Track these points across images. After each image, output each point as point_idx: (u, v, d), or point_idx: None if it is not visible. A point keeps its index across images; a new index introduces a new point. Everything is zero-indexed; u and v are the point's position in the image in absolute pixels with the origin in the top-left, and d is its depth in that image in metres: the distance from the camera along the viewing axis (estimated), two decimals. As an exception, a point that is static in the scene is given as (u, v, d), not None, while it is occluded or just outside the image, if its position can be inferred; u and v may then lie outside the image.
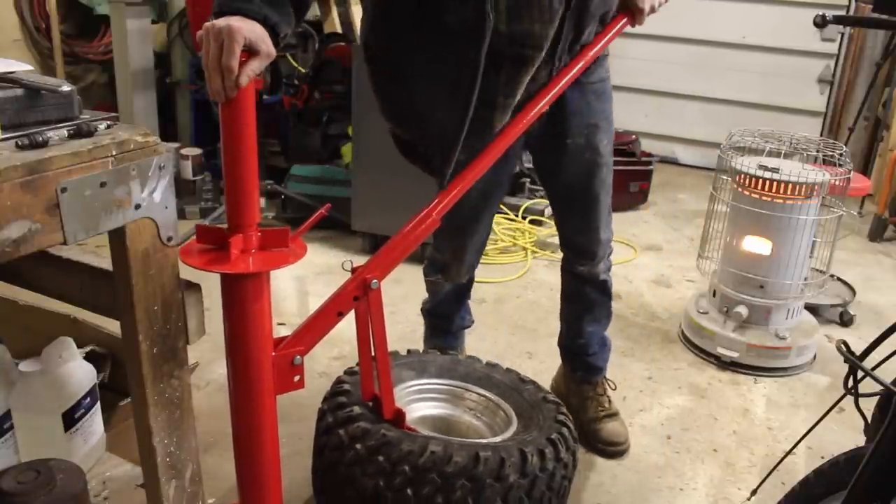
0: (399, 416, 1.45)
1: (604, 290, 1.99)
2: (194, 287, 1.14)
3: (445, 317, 2.14)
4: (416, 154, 1.62)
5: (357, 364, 1.67)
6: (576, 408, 2.08)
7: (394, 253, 1.38)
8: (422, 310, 2.19)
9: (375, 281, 1.33)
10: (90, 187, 0.92)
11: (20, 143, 0.89)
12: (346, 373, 1.65)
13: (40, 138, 0.89)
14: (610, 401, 2.11)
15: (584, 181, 1.79)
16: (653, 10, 1.68)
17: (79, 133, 0.94)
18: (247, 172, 1.14)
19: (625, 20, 1.66)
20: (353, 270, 1.36)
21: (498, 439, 1.51)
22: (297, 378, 1.25)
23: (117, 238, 1.00)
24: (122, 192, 0.96)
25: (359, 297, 1.34)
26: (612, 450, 2.05)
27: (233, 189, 1.15)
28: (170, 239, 1.06)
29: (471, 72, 1.42)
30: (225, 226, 1.18)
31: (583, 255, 1.91)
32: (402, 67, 1.52)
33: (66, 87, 0.98)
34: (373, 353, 1.42)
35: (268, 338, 1.21)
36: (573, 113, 1.72)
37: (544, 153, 1.81)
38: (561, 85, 1.57)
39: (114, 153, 0.95)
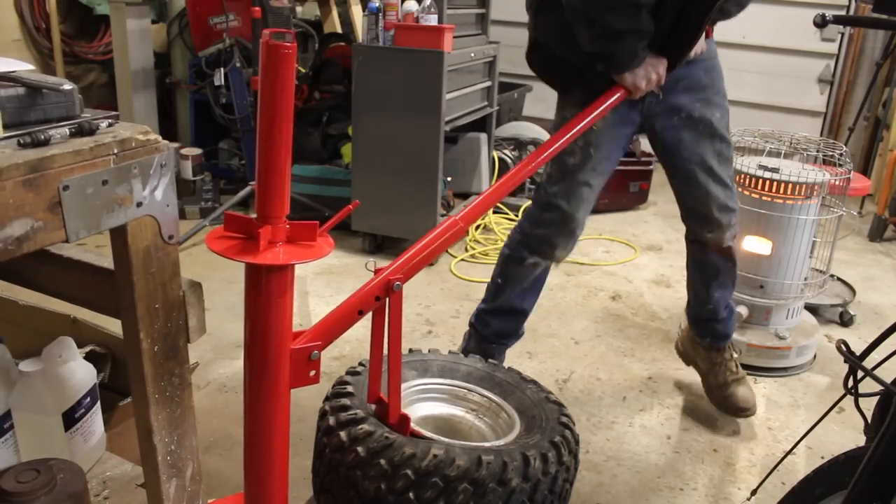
0: (404, 421, 1.44)
1: (729, 256, 2.05)
2: (195, 285, 1.14)
3: (520, 314, 2.10)
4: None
5: (359, 364, 1.67)
6: (704, 371, 2.23)
7: (419, 257, 1.40)
8: (482, 312, 2.09)
9: (398, 283, 1.34)
10: (92, 185, 0.92)
11: (22, 142, 0.88)
12: (348, 373, 1.64)
13: (42, 136, 0.89)
14: (737, 365, 2.20)
15: (699, 153, 1.87)
16: (650, 83, 1.71)
17: (80, 131, 0.94)
18: (281, 163, 1.13)
19: (620, 93, 1.71)
20: (377, 271, 1.36)
21: (501, 442, 1.50)
22: (312, 373, 1.25)
23: (119, 236, 1.00)
24: (124, 190, 0.96)
25: (380, 297, 1.34)
26: (743, 415, 2.16)
27: (265, 179, 1.14)
28: (171, 237, 1.05)
29: None
30: (254, 216, 1.17)
31: (704, 222, 1.97)
32: None
33: (68, 86, 0.98)
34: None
35: (288, 331, 1.21)
36: (686, 89, 1.83)
37: (660, 131, 1.89)
38: None
39: (115, 151, 0.94)
